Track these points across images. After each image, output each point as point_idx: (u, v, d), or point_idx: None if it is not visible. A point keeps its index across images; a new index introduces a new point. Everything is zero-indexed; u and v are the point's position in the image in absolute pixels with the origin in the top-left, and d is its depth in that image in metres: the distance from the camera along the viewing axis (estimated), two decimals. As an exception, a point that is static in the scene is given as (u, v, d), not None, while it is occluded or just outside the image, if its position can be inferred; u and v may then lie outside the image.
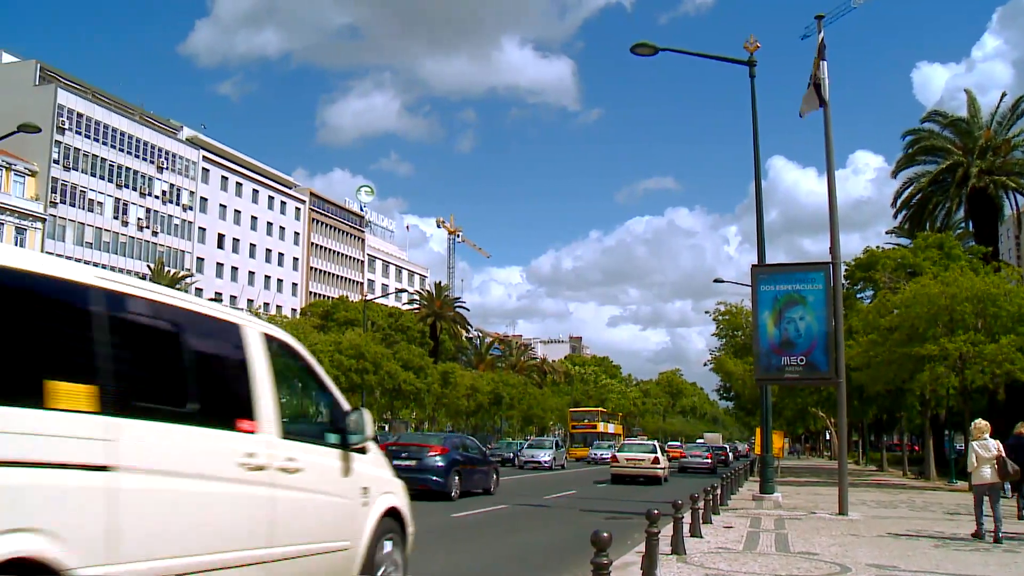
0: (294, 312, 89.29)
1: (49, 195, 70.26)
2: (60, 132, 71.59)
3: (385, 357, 58.43)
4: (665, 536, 10.60)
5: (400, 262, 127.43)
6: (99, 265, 73.78)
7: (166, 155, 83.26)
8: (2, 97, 69.41)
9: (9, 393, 3.83)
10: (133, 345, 4.78)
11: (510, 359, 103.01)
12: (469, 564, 11.69)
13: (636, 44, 20.06)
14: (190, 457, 4.87)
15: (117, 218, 77.19)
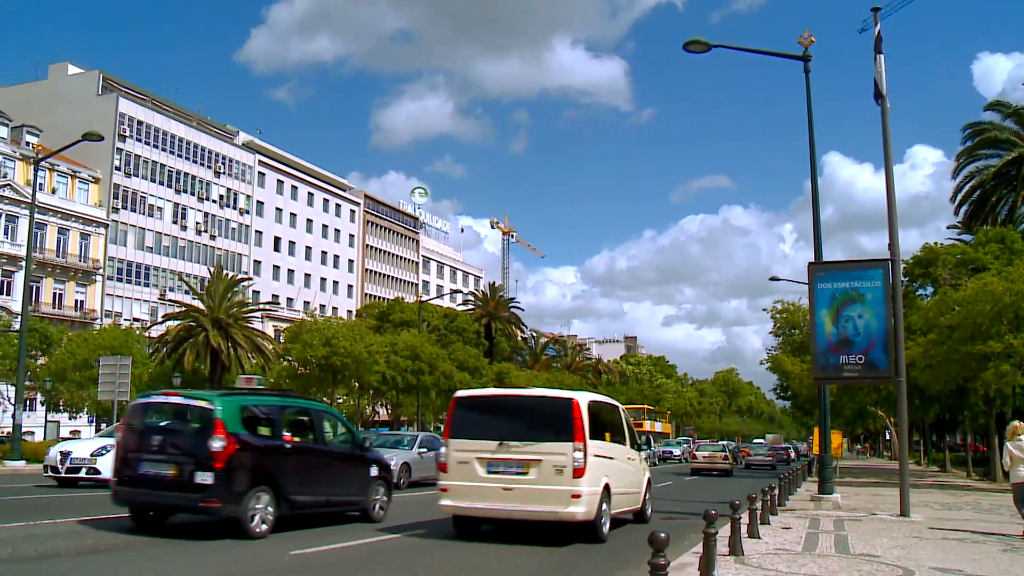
0: (350, 314, 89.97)
1: (111, 201, 71.71)
2: (121, 140, 73.05)
3: (440, 358, 58.60)
4: (723, 537, 10.46)
5: (454, 263, 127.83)
6: (159, 269, 75.25)
7: (223, 160, 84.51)
8: (68, 107, 71.33)
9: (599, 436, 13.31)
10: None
11: (565, 359, 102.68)
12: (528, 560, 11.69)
13: (689, 41, 19.89)
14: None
15: (176, 223, 78.53)
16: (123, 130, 73.41)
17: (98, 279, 69.87)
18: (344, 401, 60.54)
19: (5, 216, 63.03)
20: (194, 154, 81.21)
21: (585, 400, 13.18)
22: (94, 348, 45.91)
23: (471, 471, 12.75)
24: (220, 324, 46.80)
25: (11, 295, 61.70)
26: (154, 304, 72.66)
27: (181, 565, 10.23)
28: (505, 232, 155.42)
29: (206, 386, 47.38)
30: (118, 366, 36.42)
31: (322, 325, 53.71)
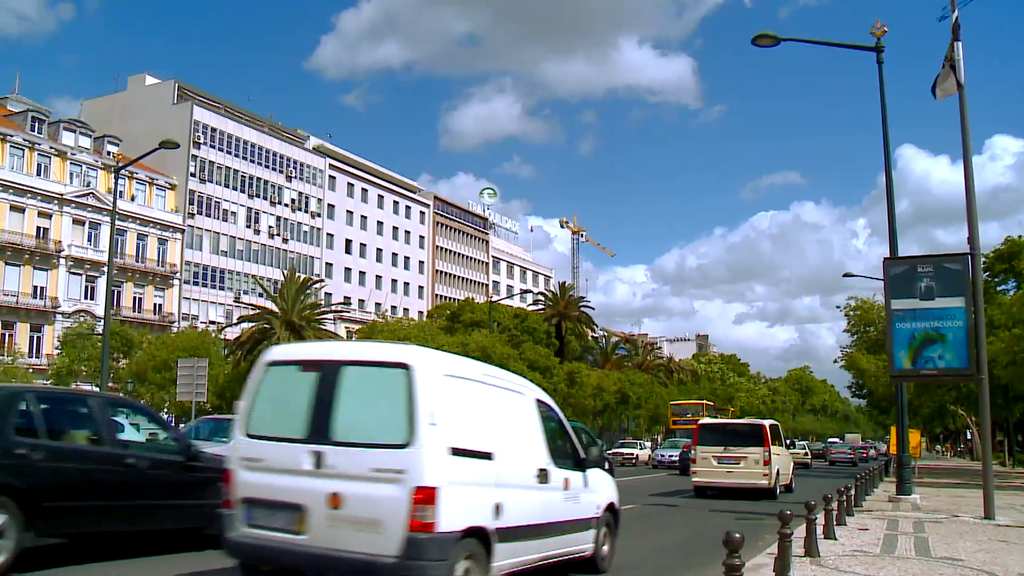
0: (421, 315, 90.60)
1: (187, 206, 73.26)
2: (196, 147, 74.59)
3: (511, 358, 58.68)
4: (798, 538, 10.33)
5: (524, 263, 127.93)
6: (234, 272, 76.66)
7: (294, 164, 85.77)
8: (145, 117, 73.13)
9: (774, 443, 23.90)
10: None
11: (636, 358, 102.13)
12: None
13: (757, 35, 19.66)
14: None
15: (250, 227, 79.91)
16: (198, 137, 74.97)
17: (175, 283, 71.44)
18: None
19: (88, 223, 64.78)
20: (266, 159, 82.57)
21: (768, 424, 24.63)
22: (173, 350, 46.97)
23: (709, 462, 23.93)
24: (293, 326, 47.48)
25: (94, 299, 63.40)
26: (229, 307, 74.00)
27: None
28: (575, 231, 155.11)
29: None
30: (195, 368, 37.16)
31: (393, 326, 54.35)
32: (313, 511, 7.11)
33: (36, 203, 61.51)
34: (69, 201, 63.30)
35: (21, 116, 65.06)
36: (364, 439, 7.18)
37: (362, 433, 7.24)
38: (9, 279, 59.54)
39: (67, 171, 64.71)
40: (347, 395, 7.41)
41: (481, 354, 56.33)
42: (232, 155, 78.77)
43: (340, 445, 7.21)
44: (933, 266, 18.04)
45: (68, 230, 63.27)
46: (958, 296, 17.66)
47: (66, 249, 62.72)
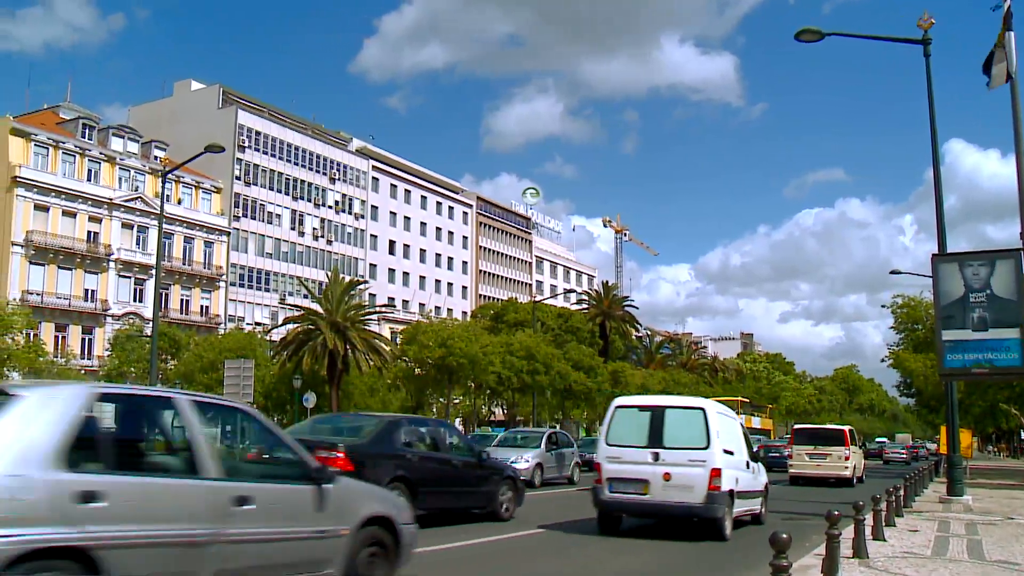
0: (464, 315, 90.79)
1: (232, 209, 74.06)
2: (241, 150, 75.40)
3: (555, 358, 58.64)
4: (846, 539, 10.15)
5: (568, 263, 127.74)
6: (278, 274, 77.36)
7: (338, 166, 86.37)
8: (191, 121, 74.11)
9: (853, 444, 30.70)
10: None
11: (680, 357, 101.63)
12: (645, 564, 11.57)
13: (800, 31, 19.41)
14: None
15: (294, 229, 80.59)
16: (242, 141, 75.77)
17: (221, 285, 72.24)
18: (460, 402, 61.13)
19: (137, 227, 65.75)
20: (310, 161, 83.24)
21: (847, 428, 31.35)
22: (219, 351, 47.50)
23: (803, 458, 30.19)
24: (337, 327, 47.73)
25: (143, 302, 64.33)
26: (274, 308, 74.68)
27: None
28: (618, 231, 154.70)
29: (325, 388, 48.45)
30: (242, 368, 37.54)
31: (438, 326, 54.40)
32: (653, 483, 13.57)
33: (87, 208, 62.54)
34: (118, 205, 64.30)
35: (72, 123, 66.21)
36: (683, 445, 13.65)
37: (681, 442, 13.69)
38: (62, 282, 60.60)
39: (116, 176, 65.73)
40: (670, 423, 13.94)
41: (525, 353, 56.44)
42: (276, 158, 79.50)
43: (669, 449, 13.69)
44: (986, 296, 17.38)
45: (117, 234, 64.27)
46: (1012, 328, 16.97)
47: (115, 253, 63.71)
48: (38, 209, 59.84)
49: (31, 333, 47.23)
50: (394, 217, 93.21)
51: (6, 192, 58.38)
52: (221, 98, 79.33)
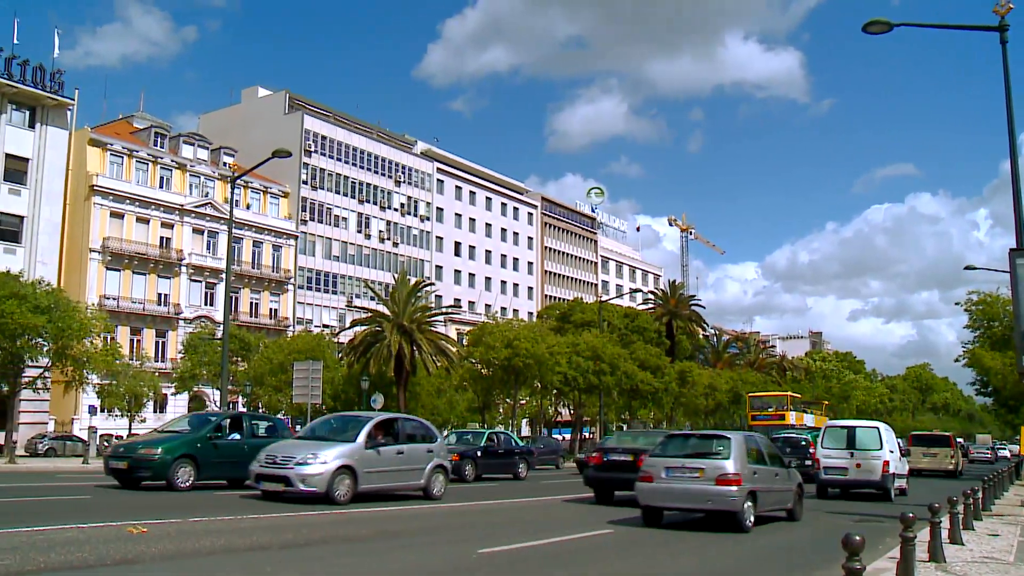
0: (530, 315, 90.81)
1: (300, 213, 75.01)
2: (307, 155, 76.36)
3: (622, 358, 58.35)
4: (921, 542, 9.85)
5: (633, 262, 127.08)
6: (345, 276, 78.12)
7: (403, 169, 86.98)
8: (259, 127, 75.37)
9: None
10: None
11: (748, 356, 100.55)
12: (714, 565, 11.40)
13: (869, 22, 18.96)
14: None
15: (360, 232, 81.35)
16: (308, 145, 76.73)
17: (290, 288, 73.21)
18: (527, 403, 61.13)
19: (207, 232, 66.94)
20: (375, 165, 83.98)
21: (951, 434, 43.09)
22: (288, 353, 48.07)
23: (919, 456, 37.22)
24: (404, 328, 48.04)
25: (213, 305, 65.46)
26: (342, 311, 75.45)
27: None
28: (683, 229, 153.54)
29: (392, 389, 48.78)
30: (310, 370, 37.96)
31: (504, 327, 54.46)
32: (850, 469, 22.95)
33: (159, 214, 63.85)
34: (189, 211, 65.55)
35: (145, 132, 67.71)
36: (867, 447, 23.08)
37: (866, 445, 23.12)
38: (136, 287, 61.96)
39: (187, 182, 67.02)
40: (859, 434, 23.60)
41: (591, 354, 56.22)
42: (342, 162, 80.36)
43: (859, 450, 23.07)
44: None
45: (188, 239, 65.51)
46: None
47: (187, 257, 64.94)
48: (114, 216, 61.27)
49: (108, 337, 48.31)
50: (459, 219, 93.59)
51: (84, 200, 59.90)
52: (288, 104, 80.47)
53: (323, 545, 11.12)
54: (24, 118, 56.50)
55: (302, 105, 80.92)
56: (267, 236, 71.81)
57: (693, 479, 14.30)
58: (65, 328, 38.37)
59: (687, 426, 73.40)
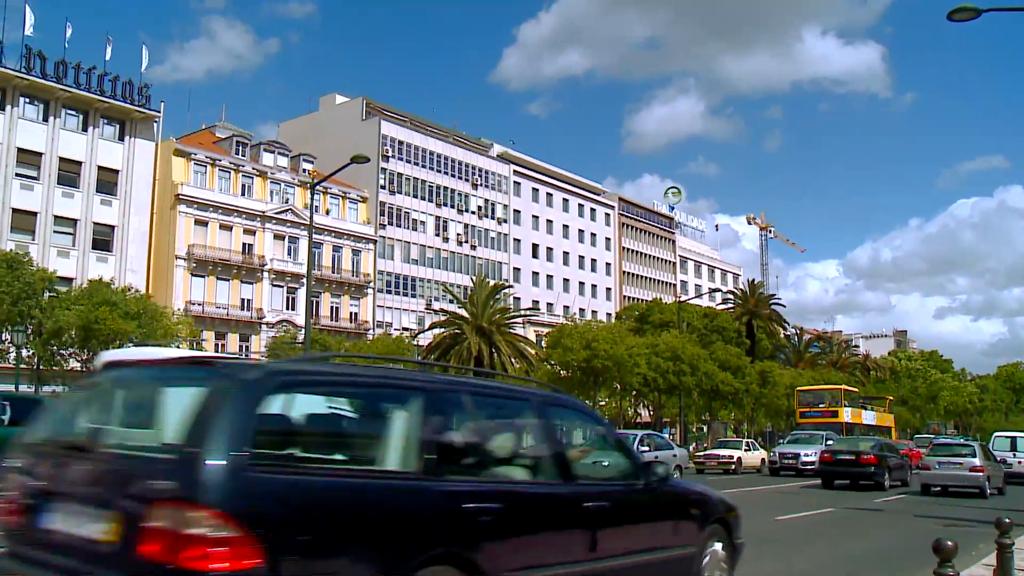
0: (609, 316, 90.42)
1: (378, 218, 75.81)
2: (385, 160, 77.14)
3: (701, 358, 57.74)
4: (1020, 548, 9.46)
5: (712, 262, 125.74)
6: (424, 279, 78.68)
7: (479, 172, 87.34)
8: (336, 134, 76.39)
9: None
10: None
11: (830, 356, 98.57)
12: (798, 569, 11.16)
13: (954, 9, 18.37)
14: None
15: (438, 235, 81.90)
16: (386, 151, 77.51)
17: (369, 292, 74.02)
18: (606, 404, 60.91)
19: (288, 238, 68.09)
20: (452, 168, 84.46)
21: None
22: (369, 357, 48.53)
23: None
24: (483, 331, 48.25)
25: (295, 310, 66.54)
26: (421, 314, 76.01)
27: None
28: (762, 228, 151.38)
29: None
30: (391, 374, 38.25)
31: (582, 328, 54.32)
32: (1014, 464, 31.33)
33: (241, 221, 65.13)
34: (270, 218, 66.72)
35: (227, 141, 69.19)
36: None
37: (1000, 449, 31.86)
38: (220, 293, 63.30)
39: (268, 189, 68.24)
40: (1020, 440, 34.02)
41: (671, 354, 55.74)
42: (419, 166, 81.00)
43: (1021, 452, 33.04)
44: None
45: (270, 245, 66.68)
46: None
47: (268, 263, 66.10)
48: (198, 224, 62.69)
49: (194, 341, 49.43)
50: (536, 220, 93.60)
51: (170, 209, 61.41)
52: (364, 110, 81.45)
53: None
54: (115, 131, 58.43)
55: (379, 111, 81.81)
56: (346, 241, 72.73)
57: (957, 467, 24.86)
58: (153, 333, 39.43)
59: (767, 427, 72.27)
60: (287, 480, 4.45)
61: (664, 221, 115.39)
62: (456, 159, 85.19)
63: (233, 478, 4.15)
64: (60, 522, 4.67)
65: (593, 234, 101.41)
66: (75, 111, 56.78)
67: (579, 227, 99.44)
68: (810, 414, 51.08)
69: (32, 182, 54.18)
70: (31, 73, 53.95)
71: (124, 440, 5.03)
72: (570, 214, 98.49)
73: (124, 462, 4.63)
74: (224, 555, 4.00)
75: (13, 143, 53.43)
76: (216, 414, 4.33)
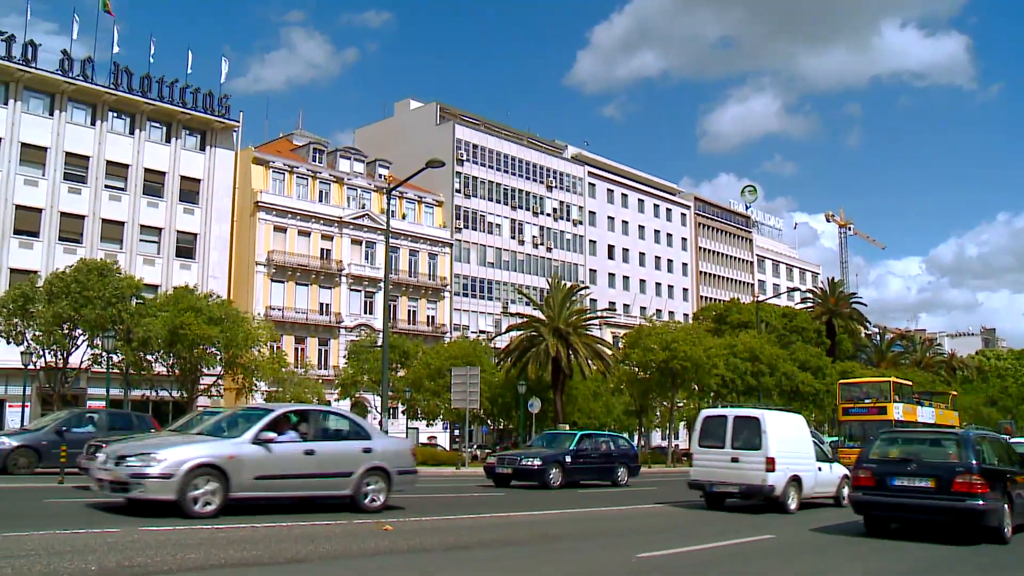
0: (686, 317, 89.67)
1: (454, 222, 76.29)
2: (459, 164, 77.61)
3: (781, 358, 56.95)
4: None
5: (790, 260, 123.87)
6: (500, 282, 78.92)
7: (554, 174, 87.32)
8: (411, 139, 77.26)
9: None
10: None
11: (914, 355, 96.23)
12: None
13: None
14: None
15: (514, 238, 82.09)
16: (460, 155, 77.98)
17: (446, 295, 74.51)
18: (684, 405, 60.39)
19: (365, 243, 68.91)
20: (526, 171, 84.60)
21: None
22: (446, 359, 48.88)
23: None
24: (560, 333, 48.12)
25: (373, 314, 67.32)
26: (497, 316, 76.26)
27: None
28: (841, 225, 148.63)
29: (549, 393, 48.89)
30: (468, 376, 38.56)
31: (660, 329, 53.99)
32: None
33: (319, 227, 66.12)
34: (347, 223, 67.61)
35: (304, 149, 70.39)
36: None
37: None
38: (299, 298, 64.34)
39: (344, 195, 69.19)
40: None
41: (749, 355, 55.06)
42: (494, 169, 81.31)
43: None
44: None
45: (347, 250, 67.57)
46: None
47: (346, 268, 66.97)
48: (277, 230, 63.84)
49: (274, 346, 50.30)
50: (612, 221, 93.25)
51: (250, 216, 62.66)
52: (438, 115, 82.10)
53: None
54: (196, 142, 59.94)
55: (453, 115, 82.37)
56: (423, 245, 73.34)
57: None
58: (235, 338, 40.25)
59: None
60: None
61: (741, 220, 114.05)
62: (530, 161, 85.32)
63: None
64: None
65: (669, 234, 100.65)
66: (159, 123, 58.35)
67: (655, 227, 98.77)
68: (854, 411, 44.98)
69: (120, 193, 55.81)
70: (119, 88, 55.72)
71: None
72: (646, 214, 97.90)
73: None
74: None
75: (103, 156, 55.18)
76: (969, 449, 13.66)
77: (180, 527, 11.20)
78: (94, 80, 54.94)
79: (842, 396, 47.02)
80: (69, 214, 53.66)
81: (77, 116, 54.96)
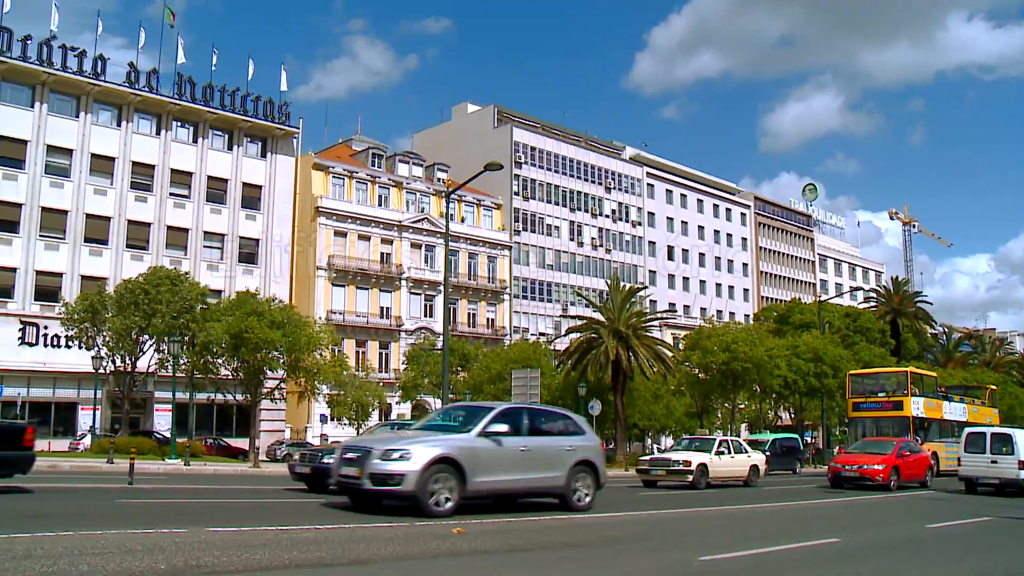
0: (747, 317, 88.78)
1: (512, 224, 76.43)
2: (518, 166, 77.78)
3: (844, 359, 56.04)
4: None
5: (853, 259, 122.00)
6: (559, 284, 78.88)
7: (612, 175, 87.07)
8: (469, 142, 77.64)
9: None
10: None
11: (983, 355, 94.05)
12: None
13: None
14: None
15: (573, 239, 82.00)
16: (518, 157, 78.13)
17: (505, 298, 74.67)
18: (746, 406, 59.82)
19: (424, 246, 69.37)
20: (584, 173, 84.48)
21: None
22: (506, 362, 48.95)
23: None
24: (619, 334, 47.88)
25: (432, 317, 67.72)
26: (556, 319, 76.21)
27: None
28: (905, 223, 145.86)
29: (609, 395, 48.70)
30: (528, 378, 38.59)
31: (721, 330, 53.55)
32: None
33: (379, 231, 66.73)
34: (406, 227, 68.12)
35: (363, 154, 71.11)
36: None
37: None
38: (360, 301, 65.00)
39: (403, 199, 69.75)
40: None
41: (812, 355, 54.31)
42: (552, 171, 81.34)
43: None
44: None
45: (407, 254, 68.10)
46: None
47: (406, 271, 67.48)
48: (337, 235, 64.56)
49: (335, 349, 50.87)
50: (671, 222, 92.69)
51: (311, 221, 63.45)
52: (496, 118, 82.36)
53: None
54: (257, 149, 60.93)
55: (510, 118, 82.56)
56: (482, 248, 73.60)
57: None
58: (297, 342, 40.79)
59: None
60: None
61: (802, 219, 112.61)
62: (588, 163, 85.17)
63: None
64: None
65: (729, 234, 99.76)
66: (221, 131, 59.43)
67: (715, 227, 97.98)
68: (865, 406, 39.66)
69: (184, 200, 56.95)
70: (182, 98, 56.88)
71: None
72: (705, 215, 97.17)
73: None
74: None
75: (168, 164, 56.37)
76: None
77: (244, 528, 11.35)
78: (159, 91, 56.23)
79: (852, 389, 41.33)
80: (136, 222, 54.93)
81: (143, 126, 56.28)
